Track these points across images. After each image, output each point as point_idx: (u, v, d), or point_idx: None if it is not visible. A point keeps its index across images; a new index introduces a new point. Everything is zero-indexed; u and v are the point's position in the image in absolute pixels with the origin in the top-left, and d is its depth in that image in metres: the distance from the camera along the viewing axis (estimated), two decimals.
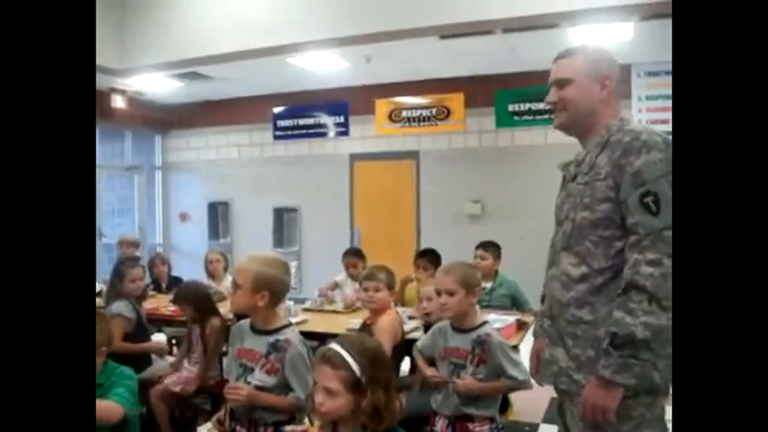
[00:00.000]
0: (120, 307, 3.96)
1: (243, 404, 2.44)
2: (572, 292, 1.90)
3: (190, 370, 3.93)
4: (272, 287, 2.47)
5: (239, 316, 2.82)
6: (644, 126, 1.89)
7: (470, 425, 2.69)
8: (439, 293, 2.74)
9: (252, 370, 2.49)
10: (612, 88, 1.96)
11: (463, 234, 7.31)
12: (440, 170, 8.60)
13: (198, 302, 3.96)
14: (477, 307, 2.87)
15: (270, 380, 2.45)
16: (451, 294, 2.69)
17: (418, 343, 2.95)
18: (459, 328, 2.77)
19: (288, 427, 1.81)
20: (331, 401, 1.80)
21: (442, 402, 2.76)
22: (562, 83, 1.99)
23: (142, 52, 7.46)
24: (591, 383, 1.80)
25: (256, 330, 2.55)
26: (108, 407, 2.18)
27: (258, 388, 2.45)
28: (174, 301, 4.06)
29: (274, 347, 2.47)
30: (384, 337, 3.07)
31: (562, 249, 1.97)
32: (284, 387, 2.45)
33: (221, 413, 2.58)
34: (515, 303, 4.63)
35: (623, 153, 1.80)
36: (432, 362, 2.88)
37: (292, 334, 2.52)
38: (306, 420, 1.81)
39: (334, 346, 1.86)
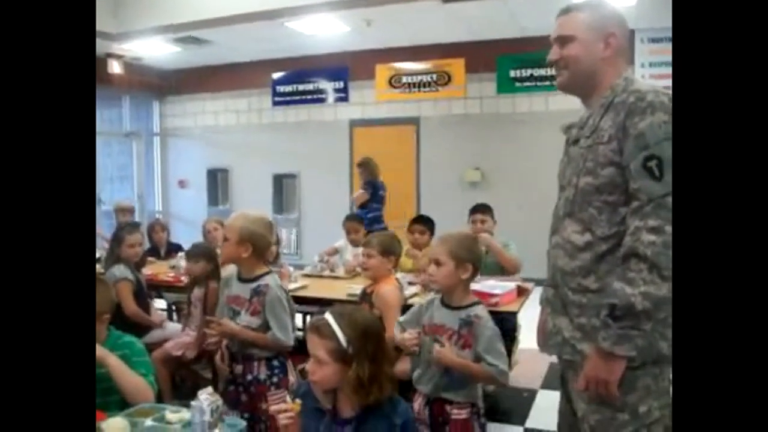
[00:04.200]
0: (121, 270, 3.97)
1: (223, 336, 2.89)
2: (577, 261, 1.84)
3: (190, 334, 3.94)
4: (254, 241, 2.81)
5: None
6: (650, 85, 1.76)
7: (448, 407, 2.47)
8: (430, 261, 2.54)
9: (239, 313, 2.86)
10: (616, 46, 1.85)
11: (464, 201, 7.27)
12: (441, 136, 8.55)
13: (213, 260, 4.01)
14: (471, 284, 2.64)
15: (254, 321, 2.82)
16: (439, 264, 2.48)
17: (401, 318, 2.75)
18: (447, 304, 2.54)
19: (273, 407, 1.82)
20: (320, 370, 1.81)
21: (420, 378, 2.56)
22: (563, 40, 1.89)
23: (139, 16, 7.37)
24: (591, 356, 1.75)
25: (241, 279, 2.90)
26: (145, 389, 2.17)
27: (246, 328, 2.82)
28: (188, 257, 4.07)
29: (256, 292, 2.83)
30: (384, 306, 3.07)
31: (566, 215, 1.89)
32: (267, 327, 2.80)
33: (218, 358, 2.98)
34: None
35: (627, 114, 1.71)
36: None
37: (271, 280, 2.86)
38: (288, 397, 1.82)
39: (326, 315, 1.87)
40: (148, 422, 1.91)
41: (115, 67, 8.95)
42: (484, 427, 2.55)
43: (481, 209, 4.64)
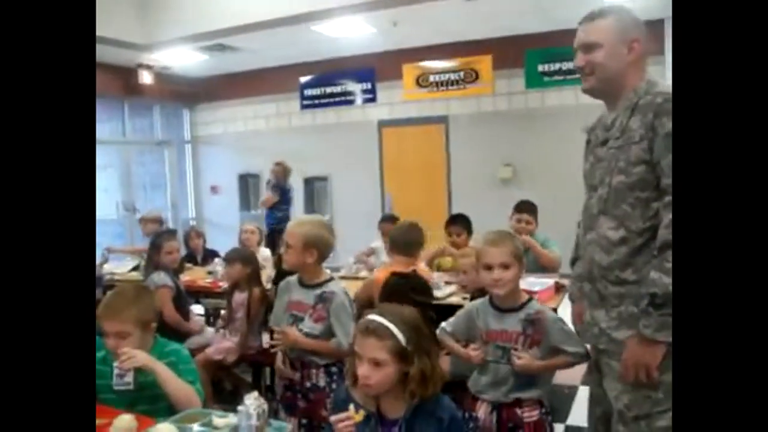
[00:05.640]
0: (161, 277, 4.03)
1: (288, 347, 2.80)
2: (613, 256, 1.93)
3: (230, 339, 3.98)
4: (319, 246, 2.77)
5: (284, 274, 3.11)
6: None
7: (519, 411, 2.40)
8: (490, 267, 2.41)
9: (302, 319, 2.79)
10: (640, 51, 1.95)
11: (495, 198, 7.26)
12: (470, 134, 8.51)
13: (251, 263, 4.07)
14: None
15: (318, 328, 2.75)
16: (506, 267, 2.39)
17: (447, 326, 2.62)
18: (503, 308, 2.46)
19: (333, 417, 1.81)
20: (377, 373, 1.79)
21: (487, 386, 2.46)
22: (589, 47, 1.97)
23: (167, 26, 7.47)
24: (632, 342, 1.85)
25: (303, 284, 2.84)
26: (193, 397, 2.17)
27: (307, 335, 2.76)
28: (226, 260, 4.13)
29: (321, 298, 2.77)
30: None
31: (600, 213, 1.99)
32: (330, 334, 2.74)
33: (279, 362, 2.88)
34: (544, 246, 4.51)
35: (656, 114, 1.80)
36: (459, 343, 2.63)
37: (336, 287, 2.82)
38: (351, 407, 1.81)
39: (376, 317, 1.85)
40: (196, 427, 1.93)
41: (145, 78, 9.08)
42: (553, 428, 2.52)
43: (527, 209, 4.62)
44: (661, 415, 1.84)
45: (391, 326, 1.81)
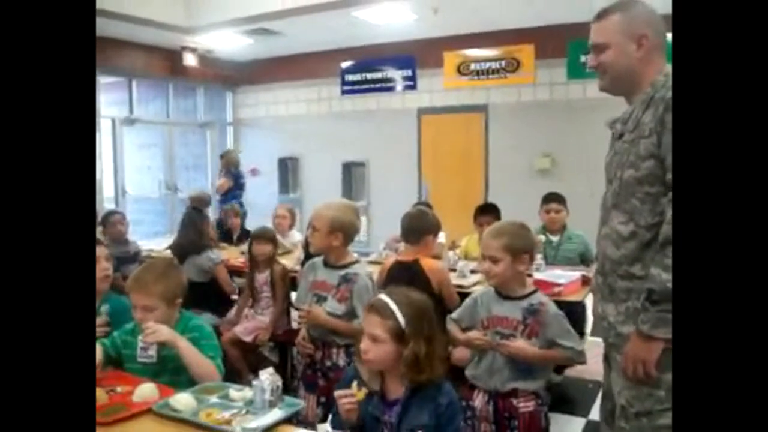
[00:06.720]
0: (216, 253, 4.48)
1: (311, 324, 2.87)
2: (622, 250, 1.93)
3: (258, 319, 4.05)
4: (345, 230, 2.84)
5: (312, 257, 3.19)
6: None
7: (514, 401, 2.42)
8: (484, 257, 2.50)
9: (325, 299, 2.87)
10: (649, 46, 1.93)
11: (533, 189, 7.18)
12: (509, 124, 8.44)
13: (274, 243, 4.23)
14: (536, 274, 2.69)
15: (340, 307, 2.82)
16: (495, 261, 2.45)
17: (454, 314, 2.66)
18: (506, 296, 2.50)
19: (337, 392, 1.88)
20: (375, 348, 1.88)
21: (484, 375, 2.49)
22: (599, 48, 2.00)
23: (210, 9, 7.58)
24: (633, 338, 1.85)
25: (328, 265, 2.93)
26: (213, 371, 2.23)
27: (330, 315, 2.82)
28: (255, 238, 4.23)
29: (345, 279, 2.85)
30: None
31: (612, 207, 2.00)
32: (353, 314, 2.80)
33: (300, 337, 2.95)
34: (583, 259, 4.49)
35: (666, 109, 1.78)
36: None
37: (360, 269, 2.91)
38: (354, 384, 1.87)
39: (383, 297, 1.95)
40: (213, 399, 2.00)
41: (189, 60, 9.23)
42: (548, 419, 2.54)
43: (556, 198, 4.61)
44: (662, 413, 1.83)
45: (394, 307, 1.89)
